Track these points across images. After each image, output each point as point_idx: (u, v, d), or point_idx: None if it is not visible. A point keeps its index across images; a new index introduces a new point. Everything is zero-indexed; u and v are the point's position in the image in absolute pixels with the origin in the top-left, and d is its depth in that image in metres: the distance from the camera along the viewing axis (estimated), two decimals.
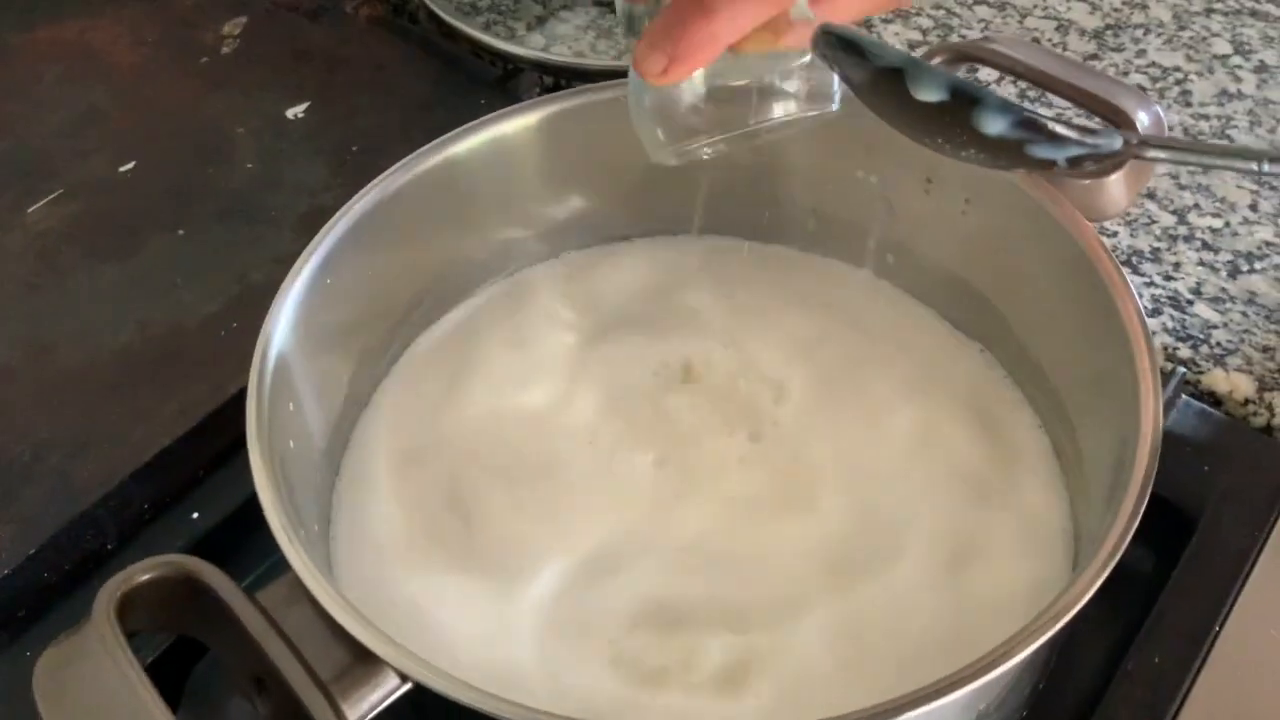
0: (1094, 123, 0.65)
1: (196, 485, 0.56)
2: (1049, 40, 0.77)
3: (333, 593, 0.37)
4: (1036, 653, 0.36)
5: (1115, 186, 0.47)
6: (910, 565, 0.45)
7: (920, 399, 0.51)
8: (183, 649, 0.50)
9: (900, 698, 0.34)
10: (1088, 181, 0.47)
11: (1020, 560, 0.46)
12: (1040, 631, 0.35)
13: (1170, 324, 0.62)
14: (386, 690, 0.36)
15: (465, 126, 0.50)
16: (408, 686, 0.36)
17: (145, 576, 0.37)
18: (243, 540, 0.49)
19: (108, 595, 0.36)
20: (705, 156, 0.45)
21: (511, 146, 0.51)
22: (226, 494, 0.55)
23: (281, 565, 0.39)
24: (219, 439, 0.56)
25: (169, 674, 0.50)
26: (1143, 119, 0.49)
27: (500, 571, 0.46)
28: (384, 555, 0.47)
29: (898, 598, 0.45)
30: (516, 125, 0.51)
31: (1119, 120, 0.48)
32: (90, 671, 0.35)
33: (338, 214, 0.47)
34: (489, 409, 0.51)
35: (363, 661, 0.36)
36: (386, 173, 0.48)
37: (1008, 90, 0.73)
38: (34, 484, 0.54)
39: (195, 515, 0.55)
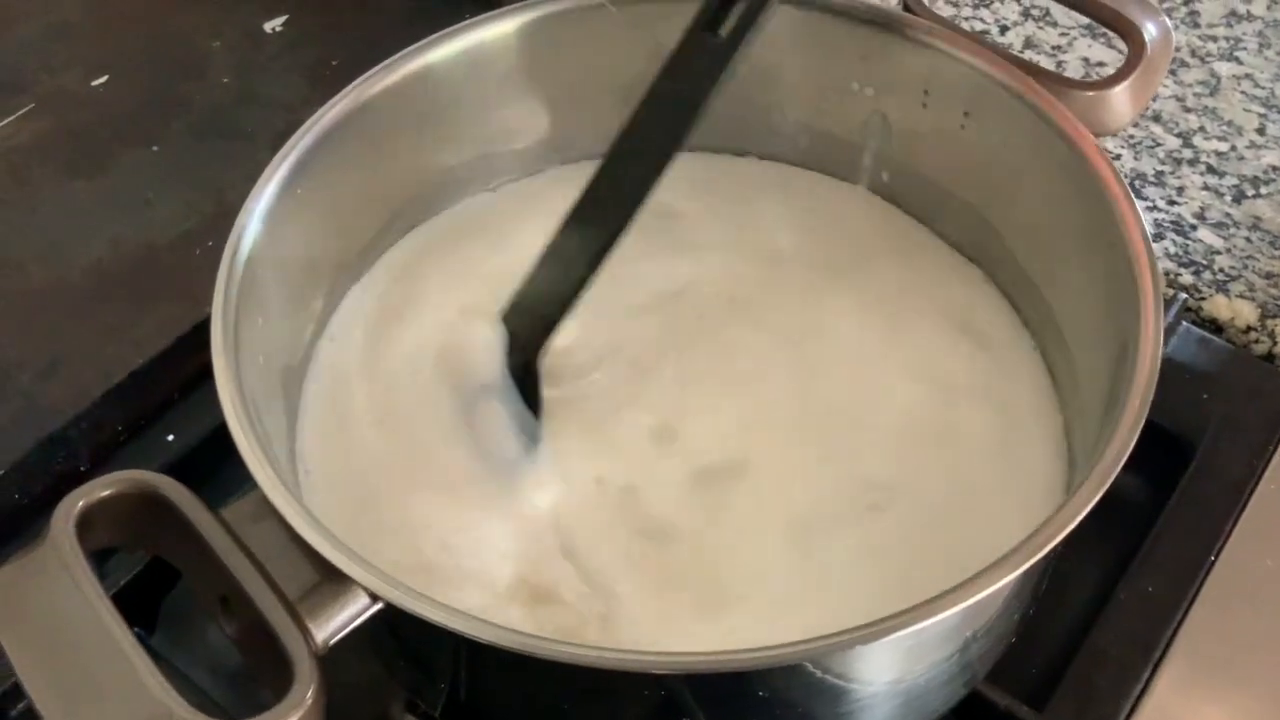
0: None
1: (171, 407, 0.55)
2: None
3: (299, 508, 0.35)
4: (1027, 576, 0.35)
5: (1119, 98, 0.46)
6: (897, 488, 0.44)
7: (913, 319, 0.49)
8: (157, 573, 0.49)
9: (886, 618, 0.33)
10: (1091, 93, 0.46)
11: (1012, 486, 0.45)
12: (1032, 552, 0.34)
13: (1173, 249, 0.61)
14: (356, 610, 0.35)
15: (440, 34, 0.48)
16: (378, 606, 0.35)
17: (105, 492, 0.36)
18: (220, 463, 0.48)
19: (65, 511, 0.35)
20: None
21: (489, 55, 0.49)
22: (203, 416, 0.53)
23: (251, 482, 0.37)
24: (194, 359, 0.54)
25: (143, 598, 0.50)
26: (1150, 30, 0.47)
27: (480, 493, 0.45)
28: (357, 475, 0.45)
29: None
30: (494, 33, 0.49)
31: (1125, 30, 0.47)
32: (47, 590, 0.34)
33: (307, 123, 0.45)
34: (467, 327, 0.50)
35: (331, 580, 0.35)
36: (357, 81, 0.47)
37: None
38: (2, 404, 0.53)
39: (170, 437, 0.54)
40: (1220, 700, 0.47)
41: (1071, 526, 0.34)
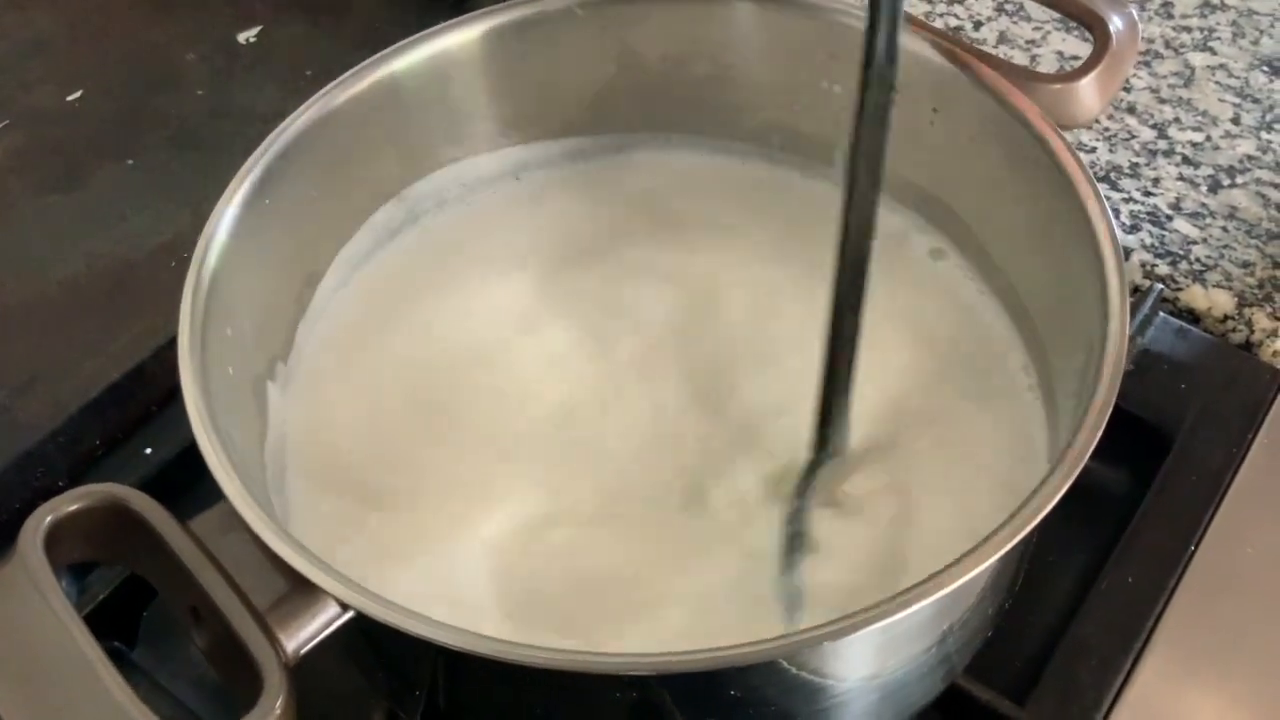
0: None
1: (148, 421, 0.55)
2: None
3: (267, 519, 0.35)
4: (1000, 568, 0.35)
5: (1086, 91, 0.46)
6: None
7: (895, 320, 0.49)
8: (138, 587, 0.49)
9: (866, 608, 0.33)
10: (1058, 86, 0.46)
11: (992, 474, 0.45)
12: (1000, 545, 0.34)
13: (1149, 240, 0.61)
14: (326, 619, 0.35)
15: (404, 41, 0.48)
16: (349, 615, 0.35)
17: (73, 506, 0.36)
18: (199, 476, 0.48)
19: (33, 526, 0.35)
20: None
21: (456, 62, 0.49)
22: (180, 429, 0.52)
23: (218, 492, 0.37)
24: (170, 373, 0.53)
25: (124, 612, 0.49)
26: (1116, 23, 0.47)
27: (452, 507, 0.45)
28: (329, 485, 0.45)
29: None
30: (460, 39, 0.49)
31: (1091, 22, 0.47)
32: (15, 605, 0.34)
33: (271, 134, 0.45)
34: (441, 339, 0.50)
35: (301, 590, 0.35)
36: (322, 91, 0.47)
37: None
38: None
39: (148, 451, 0.54)
40: (1203, 689, 0.47)
41: (1038, 520, 0.34)
